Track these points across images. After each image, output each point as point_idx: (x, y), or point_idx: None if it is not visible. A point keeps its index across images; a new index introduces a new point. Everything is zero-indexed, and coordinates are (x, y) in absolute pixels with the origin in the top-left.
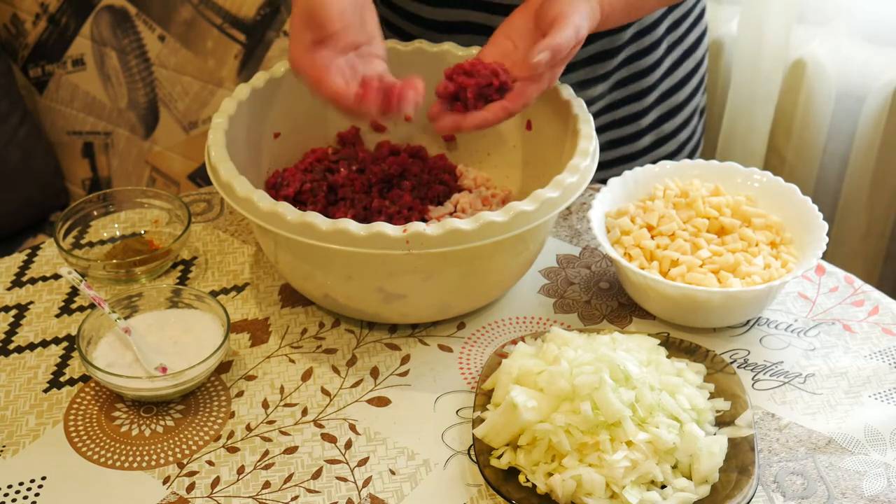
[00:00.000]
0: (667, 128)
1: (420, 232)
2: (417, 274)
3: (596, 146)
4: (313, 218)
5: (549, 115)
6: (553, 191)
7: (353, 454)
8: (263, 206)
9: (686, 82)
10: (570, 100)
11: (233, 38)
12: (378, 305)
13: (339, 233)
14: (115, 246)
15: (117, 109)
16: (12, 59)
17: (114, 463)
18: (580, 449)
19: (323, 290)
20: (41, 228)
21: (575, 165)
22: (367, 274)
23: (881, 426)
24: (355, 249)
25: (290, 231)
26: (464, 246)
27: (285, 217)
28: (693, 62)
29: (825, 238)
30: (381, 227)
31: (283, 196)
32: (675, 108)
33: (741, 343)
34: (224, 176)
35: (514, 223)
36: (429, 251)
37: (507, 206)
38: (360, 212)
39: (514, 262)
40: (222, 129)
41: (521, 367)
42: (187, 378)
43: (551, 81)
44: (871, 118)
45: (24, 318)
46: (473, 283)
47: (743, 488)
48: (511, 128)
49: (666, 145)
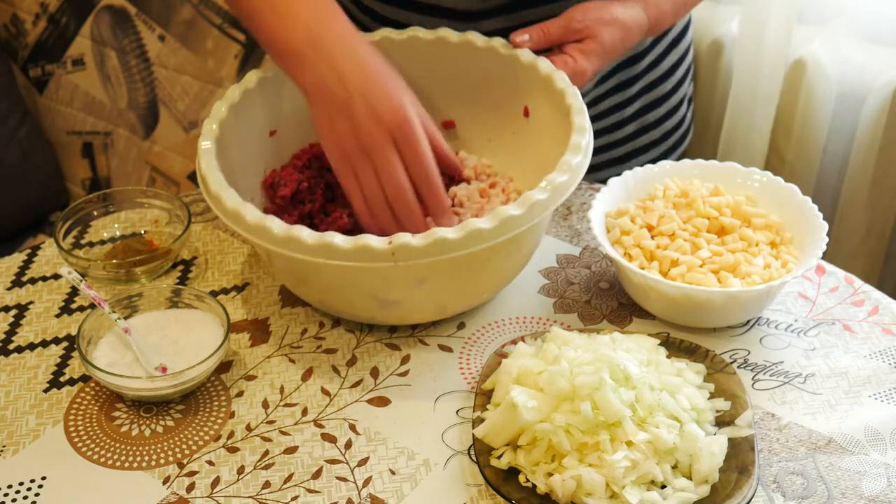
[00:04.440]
0: (650, 117)
1: (405, 244)
2: (408, 281)
3: (589, 140)
4: (299, 232)
5: (544, 103)
6: (541, 193)
7: (353, 454)
8: (251, 219)
9: (672, 73)
10: (564, 88)
11: (233, 38)
12: (374, 311)
13: (324, 246)
14: (115, 246)
15: (117, 109)
16: (12, 59)
17: (114, 463)
18: (580, 449)
19: (318, 297)
20: (41, 228)
21: (566, 162)
22: (359, 284)
23: (881, 426)
24: (341, 263)
25: (276, 245)
26: (451, 255)
27: (272, 230)
28: (677, 54)
29: (825, 238)
30: (366, 239)
31: (281, 196)
32: (660, 98)
33: (741, 343)
34: (213, 187)
35: (502, 229)
36: (416, 262)
37: (494, 212)
38: None
39: (507, 262)
40: (213, 135)
41: (521, 367)
42: (187, 378)
43: (576, 72)
44: (871, 118)
45: (24, 318)
46: (467, 286)
47: (743, 488)
48: (510, 114)
49: (650, 133)
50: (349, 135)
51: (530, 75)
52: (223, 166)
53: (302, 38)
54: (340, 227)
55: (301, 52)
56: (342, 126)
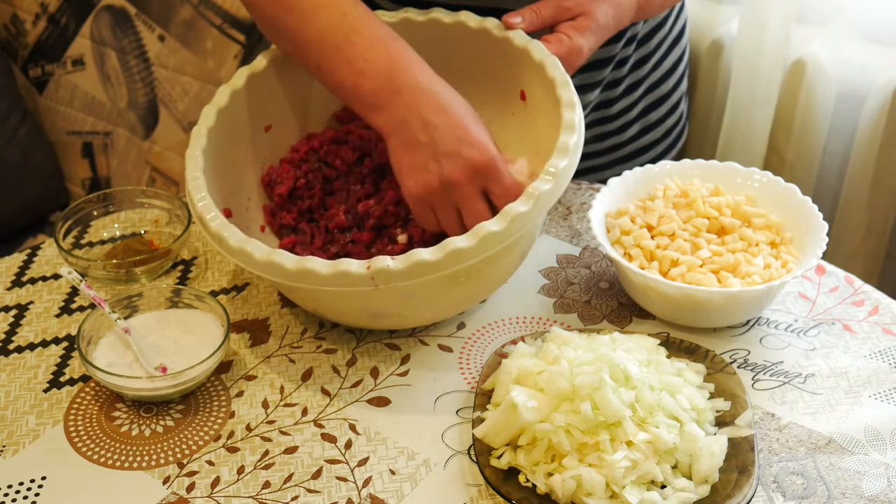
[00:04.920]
0: (653, 116)
1: (384, 268)
2: (395, 298)
3: (579, 139)
4: (279, 257)
5: (539, 89)
6: (523, 204)
7: (353, 454)
8: (233, 242)
9: (673, 71)
10: (555, 77)
11: (232, 38)
12: (367, 321)
13: (303, 272)
14: (115, 246)
15: (117, 109)
16: (12, 59)
17: (114, 463)
18: (580, 449)
19: (312, 306)
20: (41, 228)
21: (551, 168)
22: (347, 301)
23: (881, 426)
24: (321, 288)
25: (257, 269)
26: (430, 277)
27: (253, 255)
28: (678, 52)
29: (825, 238)
30: (345, 264)
31: (278, 195)
32: (662, 97)
33: (741, 343)
34: (199, 208)
35: (483, 247)
36: (396, 285)
37: (474, 229)
38: (353, 204)
39: (495, 270)
40: (201, 146)
41: (521, 367)
42: (187, 378)
43: (572, 50)
44: (871, 118)
45: (24, 318)
46: (456, 296)
47: (743, 488)
48: (509, 97)
49: (653, 132)
50: (435, 179)
51: (524, 59)
52: (220, 168)
53: (384, 90)
54: (338, 224)
55: (383, 103)
56: (427, 170)
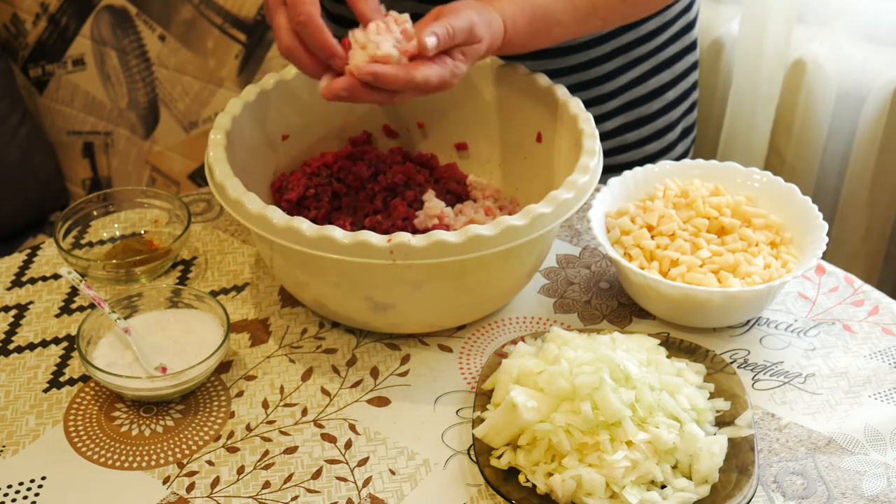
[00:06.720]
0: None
1: (404, 242)
2: (405, 285)
3: (598, 162)
4: (299, 223)
5: (557, 129)
6: (546, 206)
7: (353, 454)
8: (252, 208)
9: (687, 74)
10: (577, 114)
11: (233, 38)
12: (367, 314)
13: (323, 239)
14: (115, 246)
15: (117, 109)
16: (12, 59)
17: (114, 463)
18: (580, 449)
19: (314, 296)
20: (41, 228)
21: (573, 181)
22: (355, 282)
23: (881, 426)
24: (339, 257)
25: (275, 235)
26: (449, 259)
27: (272, 220)
28: (693, 57)
29: (825, 238)
30: (365, 235)
31: (286, 200)
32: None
33: (741, 343)
34: (219, 176)
35: (503, 237)
36: (414, 262)
37: (496, 220)
38: (359, 219)
39: (506, 278)
40: (224, 129)
41: (521, 367)
42: (187, 378)
43: (454, 72)
44: (871, 118)
45: (23, 318)
46: (463, 299)
47: (743, 488)
48: (522, 139)
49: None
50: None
51: (547, 100)
52: (232, 163)
53: None
54: None
55: None
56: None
